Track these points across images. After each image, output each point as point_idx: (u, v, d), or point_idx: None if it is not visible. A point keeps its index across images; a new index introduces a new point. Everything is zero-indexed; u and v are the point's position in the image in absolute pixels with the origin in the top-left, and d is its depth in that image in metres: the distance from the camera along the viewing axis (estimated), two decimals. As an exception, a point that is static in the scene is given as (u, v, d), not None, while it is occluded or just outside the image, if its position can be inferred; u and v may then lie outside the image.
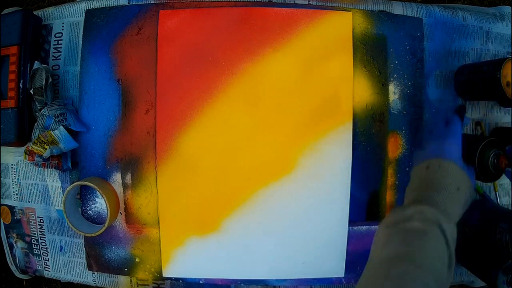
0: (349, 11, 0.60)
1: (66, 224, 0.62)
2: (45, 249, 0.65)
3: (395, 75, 0.61)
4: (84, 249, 0.63)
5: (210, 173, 0.60)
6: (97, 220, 0.62)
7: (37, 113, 0.59)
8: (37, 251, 0.66)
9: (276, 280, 0.62)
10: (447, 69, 0.62)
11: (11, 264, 0.68)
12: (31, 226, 0.65)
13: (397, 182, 0.61)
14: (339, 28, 0.60)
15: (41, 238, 0.65)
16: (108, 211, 0.57)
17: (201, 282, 0.62)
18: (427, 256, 0.37)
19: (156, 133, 0.60)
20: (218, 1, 0.61)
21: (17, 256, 0.67)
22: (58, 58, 0.63)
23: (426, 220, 0.39)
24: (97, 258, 0.63)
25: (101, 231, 0.58)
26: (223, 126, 0.59)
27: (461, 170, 0.45)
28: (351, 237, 0.60)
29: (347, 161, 0.59)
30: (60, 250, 0.64)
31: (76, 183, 0.58)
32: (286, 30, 0.59)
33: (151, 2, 0.61)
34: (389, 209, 0.61)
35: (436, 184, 0.43)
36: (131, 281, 0.63)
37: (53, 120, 0.57)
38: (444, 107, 0.61)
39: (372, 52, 0.60)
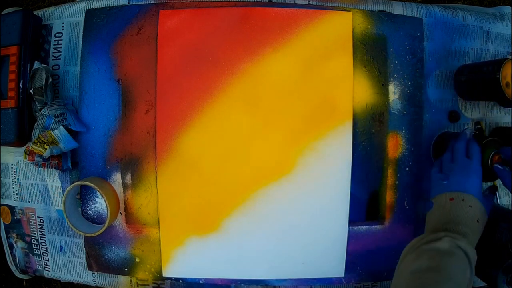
0: (349, 11, 0.60)
1: (66, 224, 0.62)
2: (45, 249, 0.65)
3: (395, 75, 0.61)
4: (84, 249, 0.63)
5: (210, 173, 0.60)
6: (97, 220, 0.62)
7: (37, 113, 0.59)
8: (37, 251, 0.66)
9: (276, 280, 0.62)
10: (447, 69, 0.62)
11: (11, 264, 0.68)
12: (31, 226, 0.65)
13: (397, 182, 0.61)
14: (339, 28, 0.60)
15: (41, 238, 0.65)
16: (108, 211, 0.57)
17: (201, 282, 0.62)
18: (453, 271, 0.42)
19: (156, 133, 0.60)
20: (218, 1, 0.61)
21: (17, 256, 0.67)
22: (58, 58, 0.63)
23: (454, 243, 0.44)
24: (97, 258, 0.63)
25: (101, 231, 0.58)
26: (223, 126, 0.59)
27: (481, 204, 0.49)
28: (351, 237, 0.60)
29: (347, 161, 0.59)
30: (60, 250, 0.64)
31: (76, 183, 0.58)
32: (286, 30, 0.59)
33: (151, 2, 0.61)
34: (389, 209, 0.61)
35: (462, 217, 0.48)
36: (131, 281, 0.63)
37: (53, 120, 0.57)
38: (444, 108, 0.62)
39: (372, 52, 0.60)
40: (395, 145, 0.61)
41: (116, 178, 0.61)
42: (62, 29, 0.63)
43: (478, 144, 0.53)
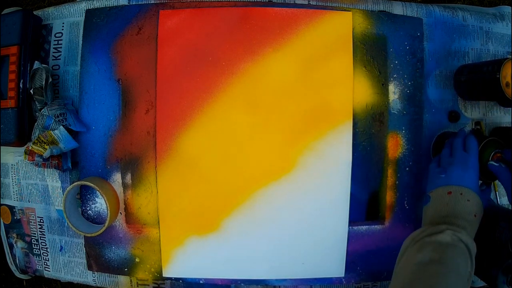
0: (349, 11, 0.60)
1: (66, 224, 0.62)
2: (45, 249, 0.65)
3: (395, 75, 0.61)
4: (84, 249, 0.63)
5: (210, 173, 0.60)
6: (97, 220, 0.62)
7: (37, 113, 0.59)
8: (37, 251, 0.66)
9: (276, 280, 0.62)
10: (447, 69, 0.62)
11: (11, 264, 0.68)
12: (31, 226, 0.65)
13: (397, 182, 0.61)
14: (339, 28, 0.60)
15: (41, 238, 0.65)
16: (108, 211, 0.57)
17: (201, 282, 0.62)
18: (456, 264, 0.43)
19: (156, 133, 0.60)
20: (218, 1, 0.61)
21: (17, 256, 0.67)
22: (58, 58, 0.63)
23: (455, 236, 0.45)
24: (97, 258, 0.63)
25: (101, 231, 0.58)
26: (223, 126, 0.59)
27: (478, 197, 0.49)
28: (351, 237, 0.60)
29: (347, 161, 0.59)
30: (60, 250, 0.64)
31: (76, 183, 0.58)
32: (286, 30, 0.59)
33: (151, 2, 0.61)
34: (389, 209, 0.61)
35: (460, 211, 0.48)
36: (131, 281, 0.63)
37: (53, 120, 0.57)
38: (444, 108, 0.62)
39: (372, 52, 0.60)
40: (395, 145, 0.61)
41: (116, 178, 0.61)
42: (62, 29, 0.63)
43: (475, 139, 0.53)
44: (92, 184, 0.57)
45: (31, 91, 0.59)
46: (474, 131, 0.62)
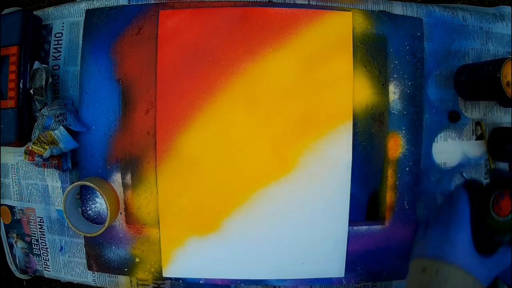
0: (349, 11, 0.60)
1: (66, 224, 0.62)
2: (45, 249, 0.65)
3: (395, 75, 0.61)
4: (84, 249, 0.63)
5: (210, 173, 0.60)
6: (97, 220, 0.62)
7: (37, 113, 0.59)
8: (37, 251, 0.66)
9: (276, 280, 0.62)
10: (447, 69, 0.62)
11: (11, 264, 0.68)
12: (31, 226, 0.65)
13: (397, 182, 0.61)
14: (339, 28, 0.60)
15: (41, 238, 0.65)
16: (108, 211, 0.57)
17: (201, 282, 0.62)
18: None
19: (156, 133, 0.60)
20: (218, 1, 0.61)
21: (17, 256, 0.67)
22: (58, 58, 0.63)
23: None
24: (97, 258, 0.63)
25: (101, 231, 0.58)
26: (223, 126, 0.59)
27: (464, 274, 0.39)
28: (351, 237, 0.60)
29: (347, 161, 0.59)
30: (60, 250, 0.64)
31: (76, 183, 0.58)
32: (286, 30, 0.59)
33: (151, 2, 0.61)
34: (389, 209, 0.61)
35: None
36: (131, 281, 0.63)
37: (53, 120, 0.57)
38: (445, 108, 0.61)
39: (372, 52, 0.60)
40: (395, 145, 0.61)
41: (116, 178, 0.61)
42: (62, 29, 0.63)
43: (464, 189, 0.43)
44: (92, 184, 0.57)
45: (31, 91, 0.59)
46: (470, 181, 0.49)
